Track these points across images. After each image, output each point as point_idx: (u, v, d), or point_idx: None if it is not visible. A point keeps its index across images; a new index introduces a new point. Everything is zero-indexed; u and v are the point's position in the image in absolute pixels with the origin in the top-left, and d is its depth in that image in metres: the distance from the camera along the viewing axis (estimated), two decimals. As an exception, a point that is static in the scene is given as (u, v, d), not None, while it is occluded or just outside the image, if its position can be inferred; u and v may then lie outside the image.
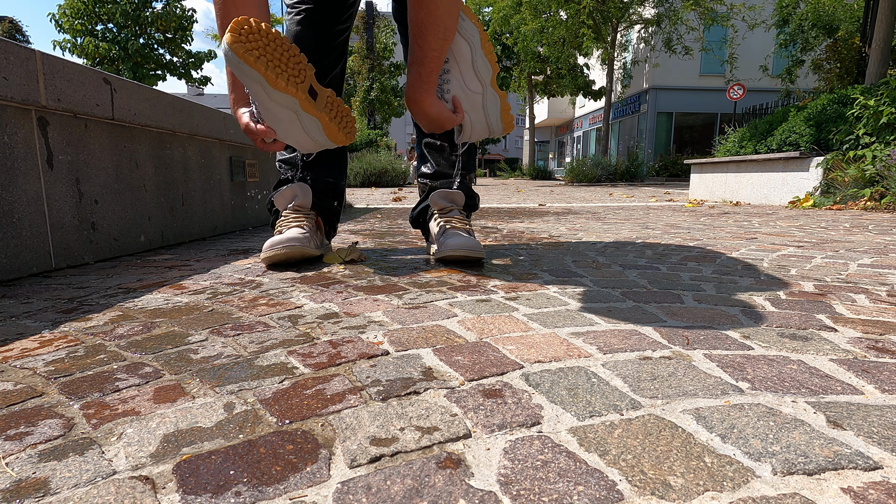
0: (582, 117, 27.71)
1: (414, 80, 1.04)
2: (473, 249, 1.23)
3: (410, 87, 1.05)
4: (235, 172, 2.23)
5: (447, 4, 0.97)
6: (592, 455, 0.40)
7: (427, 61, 1.01)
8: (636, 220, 2.64)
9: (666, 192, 7.14)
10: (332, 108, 1.07)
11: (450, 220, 1.33)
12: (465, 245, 1.22)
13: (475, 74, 1.09)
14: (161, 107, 1.64)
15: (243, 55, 0.89)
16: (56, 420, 0.47)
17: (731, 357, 0.62)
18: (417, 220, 1.48)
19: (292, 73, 0.97)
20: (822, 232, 2.05)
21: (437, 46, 1.00)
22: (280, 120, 1.01)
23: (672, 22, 14.33)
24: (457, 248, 1.22)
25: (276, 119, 1.01)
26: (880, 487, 0.36)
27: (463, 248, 1.22)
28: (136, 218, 1.55)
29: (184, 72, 16.20)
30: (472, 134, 1.14)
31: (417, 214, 1.47)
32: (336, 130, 1.08)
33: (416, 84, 1.04)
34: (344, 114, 1.10)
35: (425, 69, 1.02)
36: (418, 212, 1.47)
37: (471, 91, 1.10)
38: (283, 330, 0.75)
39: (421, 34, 0.99)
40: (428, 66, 1.02)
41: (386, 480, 0.37)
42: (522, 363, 0.60)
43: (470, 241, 1.23)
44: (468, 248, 1.22)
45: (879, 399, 0.50)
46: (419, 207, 1.46)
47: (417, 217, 1.48)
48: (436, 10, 0.97)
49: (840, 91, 4.55)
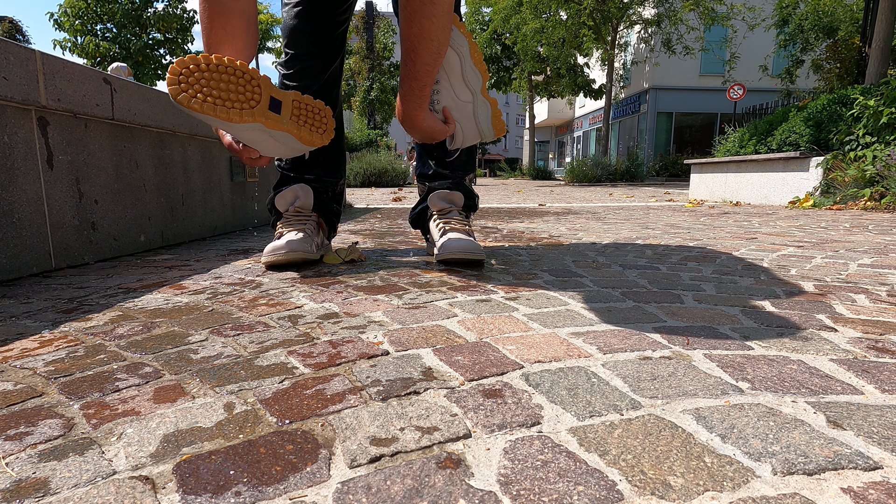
0: (582, 117, 27.71)
1: (407, 94, 1.02)
2: (473, 251, 1.22)
3: (404, 102, 1.03)
4: (235, 172, 2.23)
5: (440, 20, 0.96)
6: (592, 455, 0.40)
7: (420, 76, 0.99)
8: (636, 220, 2.64)
9: (666, 192, 7.14)
10: (300, 113, 1.03)
11: (449, 221, 1.33)
12: (464, 247, 1.22)
13: (465, 84, 1.08)
14: (161, 106, 1.64)
15: (189, 104, 0.87)
16: (56, 420, 0.47)
17: (731, 357, 0.62)
18: (417, 220, 1.48)
19: (245, 100, 0.93)
20: (822, 232, 2.05)
21: (430, 61, 0.99)
22: (255, 140, 1.00)
23: (672, 22, 14.33)
24: (456, 250, 1.22)
25: (251, 140, 1.00)
26: (880, 487, 0.36)
27: (463, 250, 1.22)
28: (136, 218, 1.55)
29: None
30: (465, 140, 1.14)
31: (417, 215, 1.47)
32: (309, 135, 1.04)
33: (410, 99, 1.02)
34: (314, 113, 1.05)
35: (418, 83, 1.00)
36: (417, 213, 1.46)
37: (461, 101, 1.09)
38: (283, 330, 0.75)
39: (414, 49, 0.97)
40: (421, 81, 1.00)
41: (386, 480, 0.37)
42: (522, 363, 0.60)
43: (469, 243, 1.23)
44: (468, 250, 1.22)
45: (879, 399, 0.50)
46: (418, 208, 1.45)
47: (417, 218, 1.47)
48: (429, 25, 0.95)
49: (840, 91, 4.55)
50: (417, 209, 1.46)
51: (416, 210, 1.46)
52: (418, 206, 1.46)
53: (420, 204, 1.45)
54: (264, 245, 1.73)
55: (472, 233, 1.35)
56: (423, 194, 1.44)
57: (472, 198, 1.43)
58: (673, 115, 19.94)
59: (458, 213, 1.37)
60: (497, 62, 18.97)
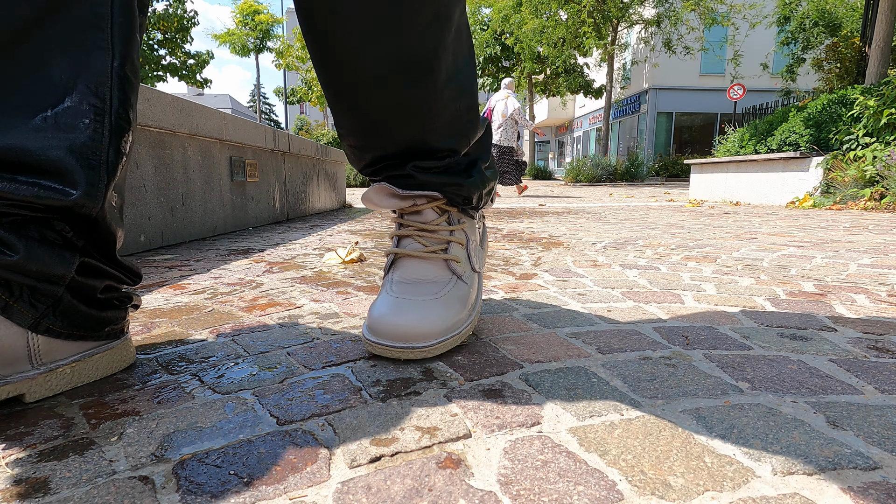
0: (582, 117, 27.71)
1: None
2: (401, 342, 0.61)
3: None
4: (235, 172, 2.23)
5: None
6: (592, 455, 0.40)
7: None
8: (636, 220, 2.64)
9: (666, 192, 7.14)
10: None
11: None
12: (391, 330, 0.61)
13: None
14: (161, 107, 1.64)
15: None
16: (56, 420, 0.47)
17: (731, 357, 0.62)
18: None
19: None
20: (822, 232, 2.05)
21: None
22: None
23: (672, 22, 14.34)
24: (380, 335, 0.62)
25: None
26: (880, 487, 0.36)
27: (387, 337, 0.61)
28: (135, 218, 1.55)
29: (186, 73, 16.20)
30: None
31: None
32: None
33: None
34: None
35: None
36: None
37: None
38: (283, 330, 0.75)
39: None
40: None
41: (386, 480, 0.37)
42: (522, 363, 0.60)
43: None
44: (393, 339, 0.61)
45: (879, 399, 0.50)
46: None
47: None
48: None
49: (840, 91, 4.55)
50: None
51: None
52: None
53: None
54: (264, 245, 1.73)
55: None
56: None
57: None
58: (673, 115, 19.94)
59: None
60: (497, 62, 18.97)
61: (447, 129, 0.65)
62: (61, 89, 0.48)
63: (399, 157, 0.67)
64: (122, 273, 0.57)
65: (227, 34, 26.15)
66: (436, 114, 0.63)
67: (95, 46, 0.49)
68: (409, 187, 0.67)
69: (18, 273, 0.47)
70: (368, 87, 0.60)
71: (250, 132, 2.34)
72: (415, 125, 0.63)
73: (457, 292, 0.66)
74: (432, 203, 0.68)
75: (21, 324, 0.48)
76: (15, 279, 0.47)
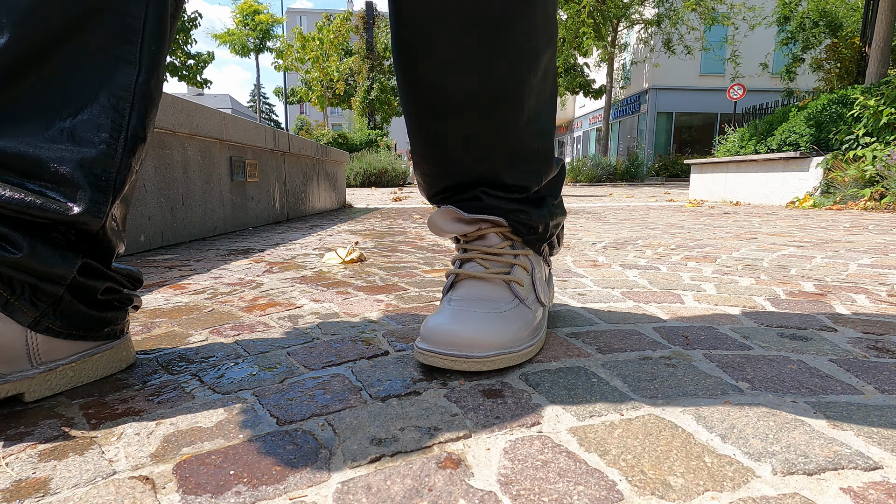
0: (582, 117, 27.71)
1: None
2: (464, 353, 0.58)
3: None
4: (235, 172, 2.23)
5: None
6: (592, 455, 0.40)
7: None
8: (636, 220, 2.64)
9: (666, 192, 7.14)
10: None
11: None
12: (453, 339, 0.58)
13: None
14: (161, 107, 1.64)
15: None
16: (56, 420, 0.47)
17: (731, 357, 0.62)
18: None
19: None
20: (822, 232, 2.05)
21: None
22: None
23: (672, 22, 14.34)
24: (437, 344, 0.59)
25: None
26: (880, 487, 0.36)
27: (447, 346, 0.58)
28: (135, 218, 1.55)
29: (187, 74, 16.18)
30: None
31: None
32: None
33: None
34: None
35: None
36: None
37: None
38: (283, 330, 0.75)
39: None
40: None
41: (386, 480, 0.37)
42: (522, 363, 0.60)
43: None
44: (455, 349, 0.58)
45: (879, 399, 0.50)
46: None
47: None
48: None
49: (840, 91, 4.55)
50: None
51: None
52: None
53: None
54: (264, 245, 1.73)
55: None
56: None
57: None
58: (673, 115, 19.94)
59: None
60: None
61: (521, 167, 0.65)
62: (82, 101, 0.48)
63: (469, 188, 0.66)
64: (121, 279, 0.58)
65: (227, 34, 26.16)
66: (512, 150, 0.63)
67: (123, 59, 0.49)
68: (474, 210, 0.65)
69: (21, 271, 0.47)
70: (444, 113, 0.61)
71: (250, 132, 2.34)
72: (489, 159, 0.63)
73: (519, 312, 0.62)
74: (496, 228, 0.67)
75: (21, 322, 0.48)
76: (17, 277, 0.47)
